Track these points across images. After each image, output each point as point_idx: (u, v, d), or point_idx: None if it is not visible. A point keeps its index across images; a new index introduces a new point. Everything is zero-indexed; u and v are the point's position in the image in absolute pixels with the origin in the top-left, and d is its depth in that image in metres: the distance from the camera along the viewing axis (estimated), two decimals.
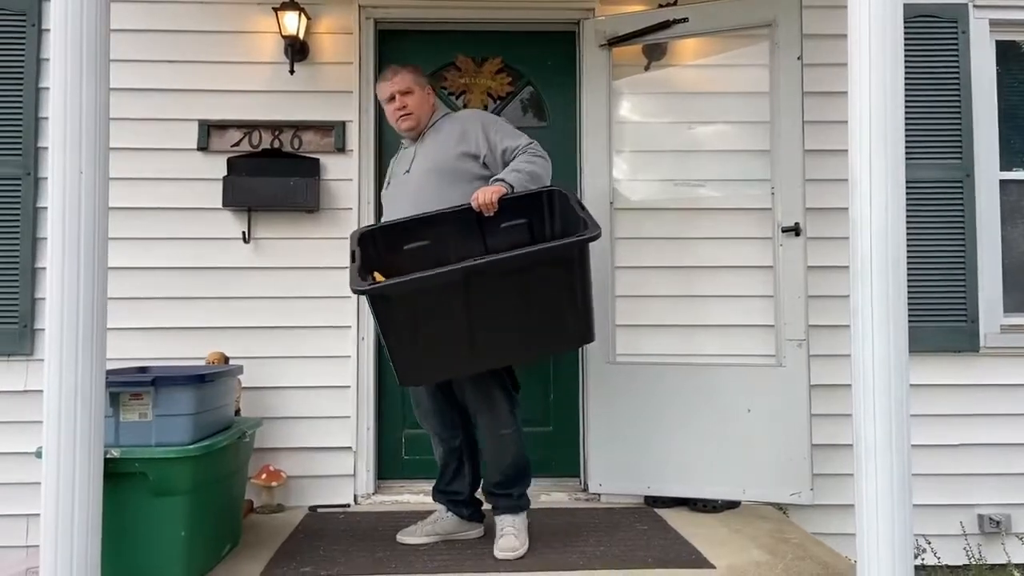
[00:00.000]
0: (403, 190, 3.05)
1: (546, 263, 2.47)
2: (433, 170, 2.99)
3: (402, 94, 3.06)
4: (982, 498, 3.84)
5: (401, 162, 3.16)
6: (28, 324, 3.68)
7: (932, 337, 3.76)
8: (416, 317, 2.46)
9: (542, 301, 2.50)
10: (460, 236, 2.79)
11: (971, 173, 3.88)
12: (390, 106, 3.09)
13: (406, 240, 2.80)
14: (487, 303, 2.47)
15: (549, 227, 2.82)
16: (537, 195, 2.81)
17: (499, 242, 2.77)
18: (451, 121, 3.12)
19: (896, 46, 2.35)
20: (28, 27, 3.76)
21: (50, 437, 2.22)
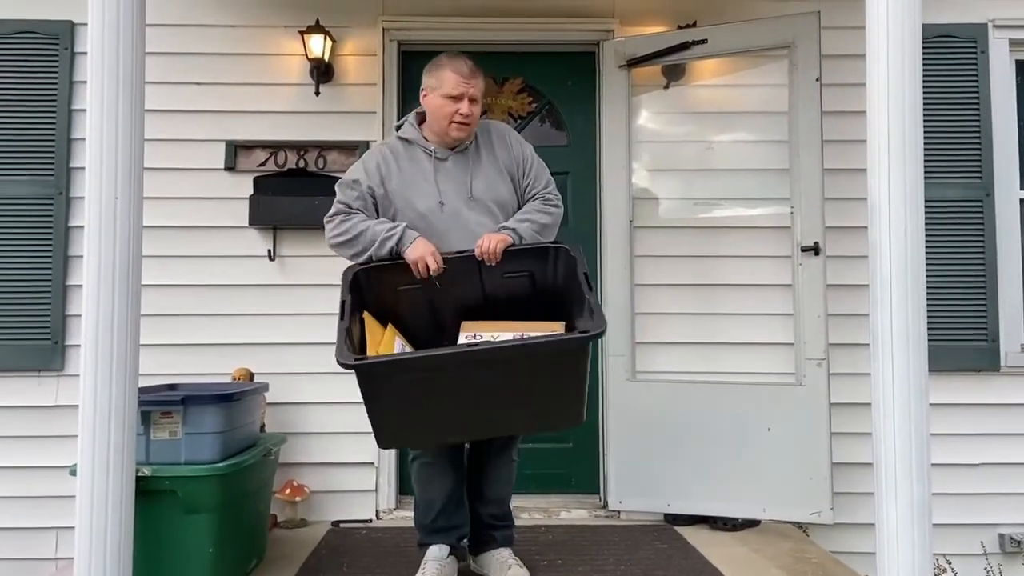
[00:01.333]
0: (454, 220, 2.65)
1: (546, 354, 2.27)
2: (494, 203, 2.70)
3: (472, 101, 2.63)
4: (1003, 517, 3.82)
5: (442, 181, 2.68)
6: (59, 340, 3.76)
7: (952, 356, 3.76)
8: (402, 391, 2.28)
9: (536, 386, 2.31)
10: (458, 277, 2.59)
11: (991, 192, 3.88)
12: (452, 105, 2.61)
13: (401, 278, 2.58)
14: (477, 384, 2.28)
15: (551, 279, 2.64)
16: (544, 249, 2.64)
17: (497, 288, 2.62)
18: (485, 143, 2.76)
19: (915, 67, 2.37)
20: (61, 50, 3.86)
21: (85, 454, 2.28)
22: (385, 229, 2.57)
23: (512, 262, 2.58)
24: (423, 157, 2.69)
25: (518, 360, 2.24)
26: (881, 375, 2.33)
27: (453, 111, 2.61)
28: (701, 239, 3.88)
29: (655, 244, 3.87)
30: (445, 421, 2.34)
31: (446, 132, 2.65)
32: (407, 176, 2.67)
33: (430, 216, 2.64)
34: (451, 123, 2.63)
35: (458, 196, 2.66)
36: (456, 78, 2.61)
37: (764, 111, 3.87)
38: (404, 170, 2.68)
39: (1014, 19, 3.95)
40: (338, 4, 3.92)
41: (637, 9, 3.98)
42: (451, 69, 2.62)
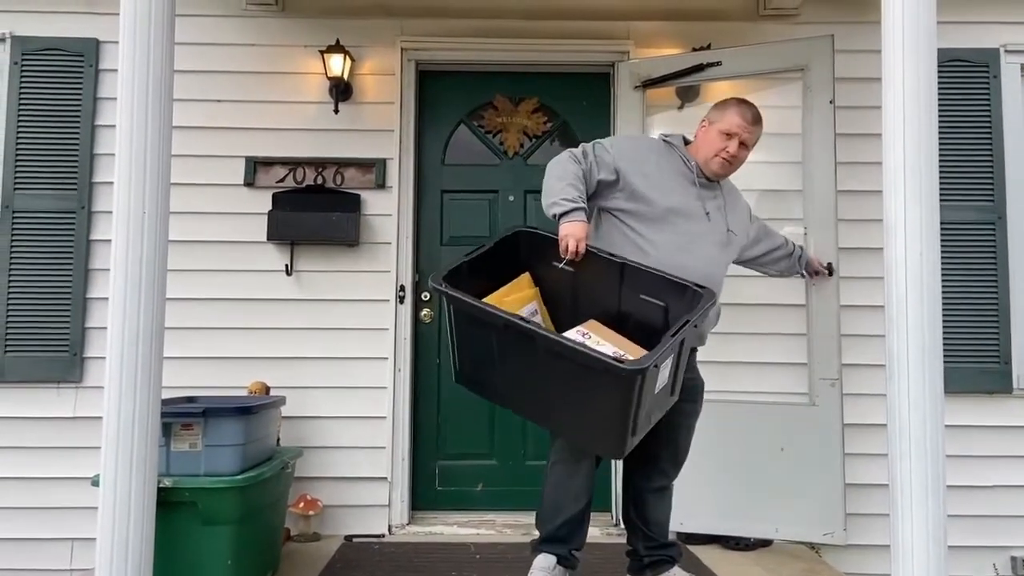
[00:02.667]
0: (701, 243, 2.64)
1: (581, 364, 2.19)
2: (736, 245, 2.78)
3: (743, 146, 2.71)
4: (1016, 540, 3.81)
5: (692, 193, 2.68)
6: (78, 352, 3.80)
7: (965, 378, 3.76)
8: (470, 332, 2.40)
9: (573, 393, 2.26)
10: (601, 278, 2.54)
11: (1003, 215, 3.90)
12: (723, 143, 2.68)
13: (557, 254, 2.52)
14: (529, 361, 2.29)
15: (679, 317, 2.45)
16: (682, 287, 2.49)
17: (632, 306, 2.53)
18: (730, 188, 2.87)
19: (930, 91, 2.40)
20: (86, 67, 3.93)
21: (108, 464, 2.31)
22: (570, 195, 2.52)
23: (653, 289, 2.51)
24: (681, 164, 2.72)
25: (554, 355, 2.22)
26: (897, 395, 2.35)
27: (722, 147, 2.67)
28: None
29: None
30: (502, 381, 2.40)
31: (708, 163, 2.70)
32: (663, 170, 2.68)
33: (664, 214, 2.61)
34: (716, 156, 2.68)
35: (698, 217, 2.66)
36: (738, 120, 2.69)
37: (777, 132, 3.87)
38: (663, 165, 2.69)
39: None
40: (358, 25, 3.99)
41: (652, 32, 4.04)
42: (737, 111, 2.72)
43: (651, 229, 2.60)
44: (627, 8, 4.05)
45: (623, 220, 2.63)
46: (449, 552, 3.46)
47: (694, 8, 4.04)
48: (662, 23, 4.05)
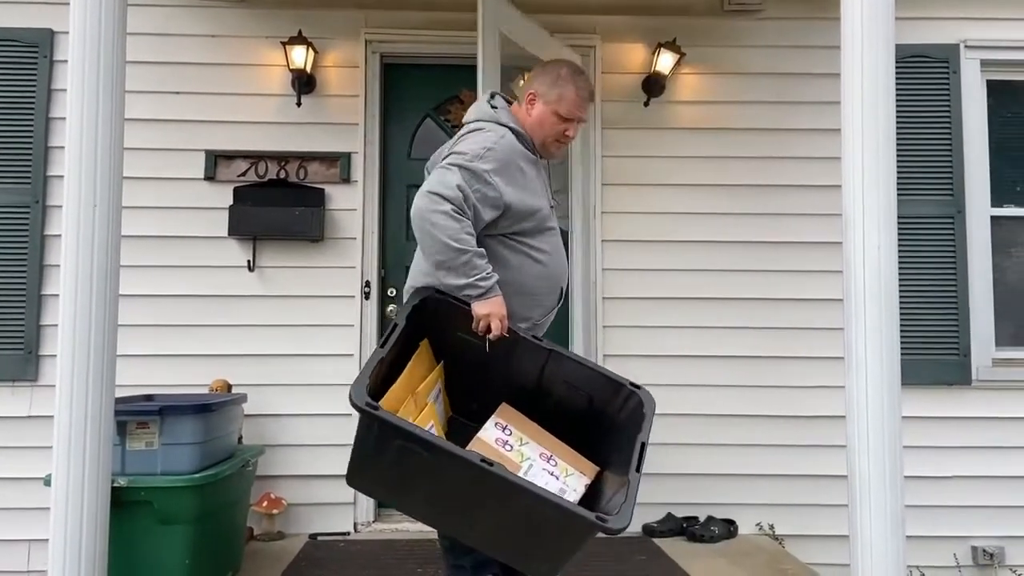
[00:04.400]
0: (558, 234, 2.44)
1: (548, 517, 1.94)
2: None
3: (580, 123, 2.46)
4: (976, 530, 3.86)
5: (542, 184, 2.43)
6: (33, 350, 3.72)
7: (925, 370, 3.81)
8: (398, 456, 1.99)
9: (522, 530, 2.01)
10: (520, 357, 2.30)
11: (963, 209, 3.95)
12: (562, 126, 2.38)
13: (468, 327, 2.25)
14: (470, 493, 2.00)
15: (613, 412, 2.29)
16: (619, 385, 2.28)
17: (554, 386, 2.31)
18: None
19: (888, 86, 2.43)
20: (40, 58, 3.84)
21: (60, 464, 2.26)
22: (480, 273, 2.19)
23: (579, 376, 2.29)
24: (529, 152, 2.40)
25: (517, 502, 1.94)
26: (855, 387, 2.37)
27: (562, 130, 2.39)
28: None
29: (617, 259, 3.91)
30: (422, 500, 2.08)
31: (545, 147, 2.42)
32: (527, 175, 2.35)
33: (544, 217, 2.37)
34: (556, 141, 2.42)
35: (549, 205, 2.44)
36: (578, 102, 2.38)
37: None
38: (525, 168, 2.35)
39: (985, 40, 4.04)
40: (321, 16, 3.93)
41: (618, 26, 4.04)
42: (575, 90, 2.38)
43: (539, 239, 2.35)
44: (594, 2, 4.04)
45: (511, 238, 2.32)
46: (415, 549, 3.44)
47: (660, 3, 4.03)
48: (628, 18, 4.04)
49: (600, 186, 3.94)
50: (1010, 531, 3.85)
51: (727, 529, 3.63)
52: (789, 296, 3.87)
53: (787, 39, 4.01)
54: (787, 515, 3.75)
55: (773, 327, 3.86)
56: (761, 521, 3.75)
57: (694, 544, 3.54)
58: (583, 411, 2.29)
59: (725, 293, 3.88)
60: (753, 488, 3.79)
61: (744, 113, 3.98)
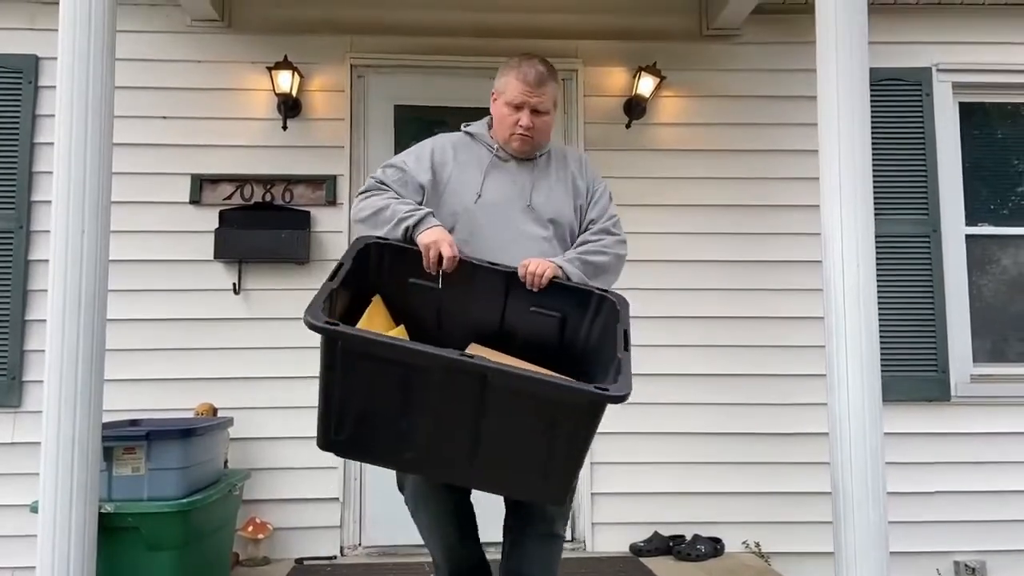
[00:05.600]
0: (504, 222, 2.31)
1: (551, 400, 1.83)
2: (553, 219, 2.34)
3: (536, 112, 2.30)
4: (958, 545, 3.90)
5: (494, 177, 2.35)
6: (17, 376, 3.69)
7: (905, 387, 3.86)
8: (371, 383, 1.88)
9: (523, 436, 1.89)
10: (479, 292, 2.20)
11: (938, 228, 4.03)
12: (513, 114, 2.30)
13: (415, 268, 2.17)
14: (459, 408, 1.87)
15: (584, 333, 2.21)
16: (588, 294, 2.21)
17: (519, 322, 2.20)
18: (558, 160, 2.45)
19: (864, 109, 2.50)
20: (25, 84, 3.85)
21: (47, 490, 2.25)
22: (405, 209, 2.21)
23: (546, 297, 2.17)
24: (484, 152, 2.38)
25: (517, 396, 1.83)
26: (837, 404, 2.41)
27: (514, 121, 2.30)
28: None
29: None
30: (407, 439, 1.91)
31: (507, 142, 2.35)
32: (462, 167, 2.35)
33: (468, 212, 2.29)
34: (512, 134, 2.32)
35: (513, 200, 2.33)
36: (519, 86, 2.28)
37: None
38: (460, 161, 2.36)
39: (957, 63, 4.14)
40: (306, 41, 3.97)
41: (599, 51, 4.10)
42: (516, 75, 2.30)
43: (467, 229, 2.27)
44: (575, 28, 4.11)
45: (450, 219, 2.30)
46: (402, 572, 3.43)
47: (640, 28, 4.11)
48: (609, 42, 4.11)
49: None
50: (992, 545, 3.89)
51: (713, 547, 3.65)
52: (771, 314, 3.92)
53: (765, 63, 4.10)
54: (773, 532, 3.77)
55: (756, 345, 3.91)
56: (747, 539, 3.78)
57: (681, 563, 3.55)
58: (556, 344, 2.19)
59: (708, 312, 3.93)
60: (739, 506, 3.81)
61: (724, 135, 4.05)
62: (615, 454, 3.75)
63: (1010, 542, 3.88)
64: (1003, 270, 4.20)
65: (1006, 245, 4.19)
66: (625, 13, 4.11)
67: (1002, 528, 3.90)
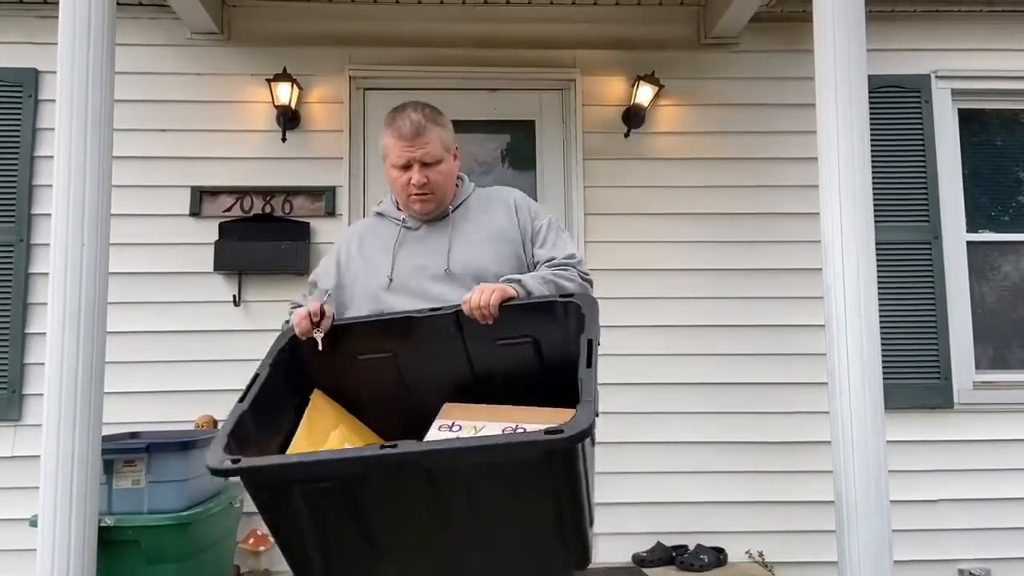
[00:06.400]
0: (419, 299, 2.03)
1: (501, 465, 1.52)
2: (479, 276, 2.03)
3: (426, 165, 2.06)
4: (962, 553, 3.88)
5: (405, 253, 2.11)
6: (17, 390, 3.69)
7: (907, 394, 3.84)
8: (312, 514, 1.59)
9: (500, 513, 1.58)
10: (432, 344, 1.93)
11: (939, 235, 4.02)
12: (402, 175, 2.08)
13: (358, 343, 1.94)
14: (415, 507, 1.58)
15: (562, 346, 1.89)
16: (549, 305, 1.91)
17: (490, 361, 1.94)
18: (480, 207, 2.18)
19: (862, 116, 2.51)
20: (25, 98, 3.86)
21: (46, 504, 2.25)
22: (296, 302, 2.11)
23: (506, 324, 1.88)
24: (392, 229, 2.16)
25: (465, 471, 1.52)
26: (840, 412, 2.40)
27: (405, 182, 2.08)
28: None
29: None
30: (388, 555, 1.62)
31: (408, 207, 2.14)
32: (367, 255, 2.15)
33: (379, 299, 2.06)
34: (408, 196, 2.10)
35: (427, 268, 2.08)
36: (397, 143, 2.07)
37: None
38: (367, 250, 2.16)
39: (955, 70, 4.14)
40: (305, 53, 3.98)
41: (597, 60, 4.11)
42: (391, 133, 2.09)
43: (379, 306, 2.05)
44: (573, 37, 4.12)
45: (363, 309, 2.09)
46: None
47: (638, 37, 4.12)
48: (607, 52, 4.12)
49: (583, 216, 3.98)
50: (996, 553, 3.86)
51: (717, 557, 3.63)
52: (772, 322, 3.91)
53: (763, 71, 4.10)
54: (777, 542, 3.75)
55: (758, 354, 3.89)
56: (750, 548, 3.76)
57: (684, 573, 3.53)
58: (539, 369, 1.91)
59: (708, 320, 3.92)
60: (742, 515, 3.79)
61: (723, 143, 4.05)
62: (616, 464, 3.73)
63: (1015, 550, 3.85)
64: (1004, 276, 4.19)
65: (1007, 251, 4.18)
66: (623, 23, 4.12)
67: (1007, 536, 3.87)
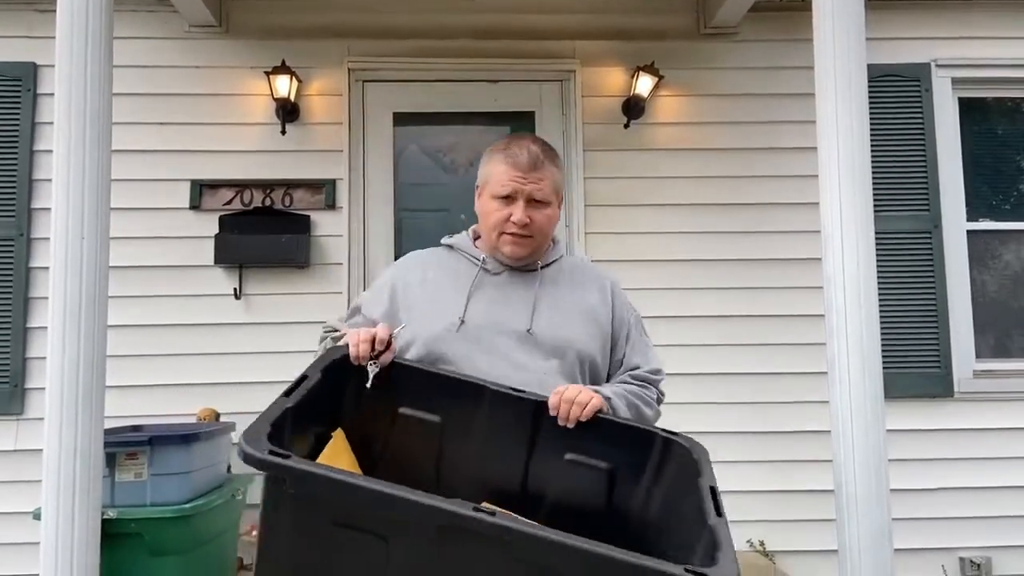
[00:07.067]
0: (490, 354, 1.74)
1: None
2: (565, 349, 1.79)
3: (532, 202, 1.79)
4: (963, 541, 3.89)
5: (480, 297, 1.82)
6: (19, 384, 3.69)
7: (907, 383, 3.85)
8: (332, 546, 1.26)
9: None
10: (495, 430, 1.61)
11: (939, 224, 4.02)
12: (502, 209, 1.79)
13: (415, 398, 1.62)
14: None
15: (644, 492, 1.60)
16: (648, 437, 1.62)
17: (548, 477, 1.61)
18: (573, 276, 1.92)
19: (862, 106, 2.49)
20: (24, 92, 3.85)
21: (49, 497, 2.25)
22: (332, 326, 1.90)
23: (588, 440, 1.59)
24: (466, 265, 1.87)
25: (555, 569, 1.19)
26: (839, 401, 2.40)
27: (504, 217, 1.79)
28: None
29: None
30: None
31: (496, 247, 1.84)
32: (434, 287, 1.84)
33: (444, 342, 1.75)
34: (502, 234, 1.81)
35: (506, 323, 1.78)
36: (508, 171, 1.79)
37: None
38: (432, 280, 1.86)
39: (956, 59, 4.13)
40: (304, 45, 3.97)
41: (597, 51, 4.10)
42: (503, 158, 1.80)
43: (445, 364, 1.74)
44: (573, 28, 4.11)
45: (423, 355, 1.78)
46: None
47: (637, 28, 4.11)
48: (606, 42, 4.11)
49: (583, 207, 3.98)
50: (997, 541, 3.87)
51: None
52: (773, 312, 3.91)
53: (763, 60, 4.09)
54: (777, 531, 3.76)
55: (759, 344, 3.90)
56: (751, 537, 3.77)
57: None
58: (601, 509, 1.58)
59: (709, 311, 3.92)
60: (743, 505, 3.77)
61: (723, 133, 4.04)
62: None
63: (1015, 537, 3.86)
64: (1005, 265, 4.19)
65: (1008, 240, 4.18)
66: (622, 13, 4.11)
67: (1007, 524, 3.88)
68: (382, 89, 4.11)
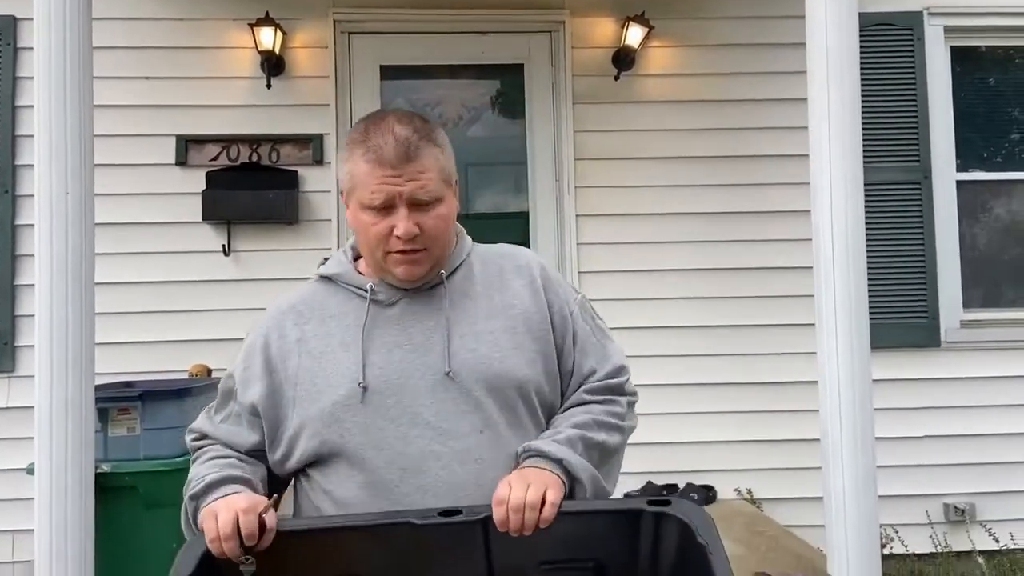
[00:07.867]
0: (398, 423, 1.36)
1: None
2: (495, 387, 1.39)
3: (416, 205, 1.35)
4: (947, 488, 3.96)
5: (378, 342, 1.40)
6: (9, 341, 3.69)
7: (895, 334, 3.87)
8: None
9: None
10: (445, 561, 1.27)
11: (929, 175, 4.02)
12: (377, 222, 1.35)
13: (325, 565, 1.25)
14: None
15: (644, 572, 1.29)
16: (633, 515, 1.29)
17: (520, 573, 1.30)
18: (487, 277, 1.49)
19: (852, 53, 2.46)
20: (3, 46, 3.78)
21: (42, 453, 2.27)
22: (202, 472, 1.37)
23: (559, 537, 1.27)
24: (353, 302, 1.44)
25: None
26: (826, 353, 2.42)
27: (384, 232, 1.35)
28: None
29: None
30: None
31: (384, 269, 1.41)
32: (315, 347, 1.42)
33: (337, 417, 1.36)
34: (388, 253, 1.37)
35: (414, 374, 1.38)
36: (374, 171, 1.34)
37: None
38: (311, 339, 1.42)
39: (948, 6, 4.08)
40: None
41: (586, 1, 4.03)
42: (365, 154, 1.35)
43: (353, 456, 1.36)
44: None
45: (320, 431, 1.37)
46: None
47: None
48: None
49: (573, 161, 3.96)
50: (980, 487, 3.95)
51: (706, 495, 3.71)
52: (763, 265, 3.92)
53: (753, 10, 4.03)
54: (765, 479, 3.83)
55: (748, 296, 3.91)
56: (739, 486, 3.84)
57: None
58: None
59: (700, 264, 3.93)
60: (731, 454, 3.86)
61: (714, 84, 4.01)
62: None
63: (998, 484, 3.95)
64: (994, 216, 4.20)
65: (997, 191, 4.19)
66: None
67: (991, 470, 3.95)
68: (368, 41, 4.04)
